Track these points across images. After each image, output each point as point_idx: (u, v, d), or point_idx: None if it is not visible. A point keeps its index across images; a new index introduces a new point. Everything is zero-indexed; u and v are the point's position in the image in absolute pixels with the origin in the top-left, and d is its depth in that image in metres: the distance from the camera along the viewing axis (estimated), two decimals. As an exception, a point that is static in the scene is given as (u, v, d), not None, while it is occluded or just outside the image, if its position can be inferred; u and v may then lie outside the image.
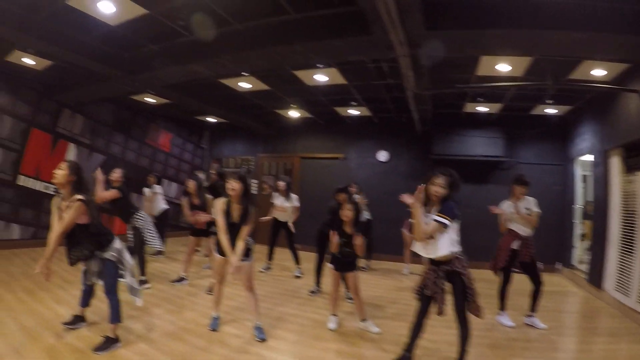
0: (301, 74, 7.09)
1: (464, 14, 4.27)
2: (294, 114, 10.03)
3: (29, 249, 7.86)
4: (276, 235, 7.47)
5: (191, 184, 6.54)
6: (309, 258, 7.04)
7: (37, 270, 3.36)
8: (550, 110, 8.22)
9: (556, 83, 5.75)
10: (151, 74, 6.70)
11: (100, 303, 4.10)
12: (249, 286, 4.15)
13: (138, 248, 5.74)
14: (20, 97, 7.88)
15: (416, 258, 7.67)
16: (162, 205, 8.27)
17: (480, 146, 8.62)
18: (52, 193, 8.17)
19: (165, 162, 11.27)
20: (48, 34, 5.42)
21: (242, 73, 6.88)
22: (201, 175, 8.64)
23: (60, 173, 3.59)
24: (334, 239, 4.35)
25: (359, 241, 4.29)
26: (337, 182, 6.72)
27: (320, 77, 7.18)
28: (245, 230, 3.98)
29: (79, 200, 3.47)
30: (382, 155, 10.07)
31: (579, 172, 8.25)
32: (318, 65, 6.60)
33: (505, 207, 4.94)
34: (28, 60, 6.87)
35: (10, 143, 7.73)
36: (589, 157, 7.46)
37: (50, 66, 7.13)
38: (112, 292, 3.67)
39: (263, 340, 4.04)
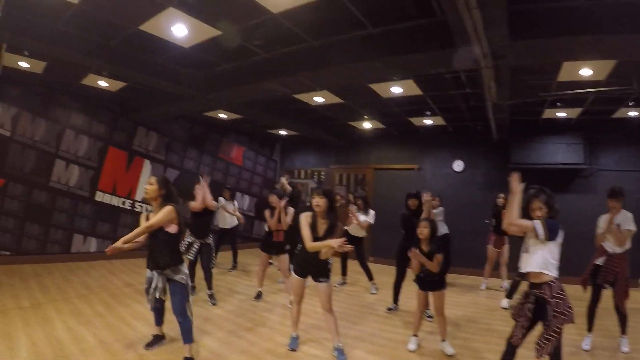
0: (377, 87, 6.83)
1: (548, 22, 3.98)
2: (367, 125, 9.58)
3: (106, 261, 8.09)
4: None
5: (273, 199, 6.17)
6: (382, 271, 6.91)
7: (108, 250, 3.51)
8: (633, 113, 7.43)
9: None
10: (225, 92, 6.59)
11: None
12: (327, 307, 3.97)
13: (207, 263, 5.73)
14: (97, 118, 8.12)
15: (495, 272, 7.23)
16: (234, 219, 8.19)
17: (560, 153, 7.99)
18: (128, 208, 8.56)
19: (239, 176, 11.25)
20: (121, 58, 5.50)
21: (319, 89, 6.59)
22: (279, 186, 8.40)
23: (151, 188, 3.74)
24: (414, 258, 4.17)
25: (437, 260, 4.12)
26: None
27: (396, 89, 6.88)
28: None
29: (171, 205, 3.66)
30: (458, 165, 9.50)
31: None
32: (394, 77, 6.29)
33: (601, 222, 4.48)
34: (102, 83, 7.03)
35: (88, 161, 7.99)
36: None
37: (124, 87, 7.26)
38: (182, 313, 3.65)
39: None
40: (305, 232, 3.81)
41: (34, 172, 7.39)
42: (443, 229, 7.04)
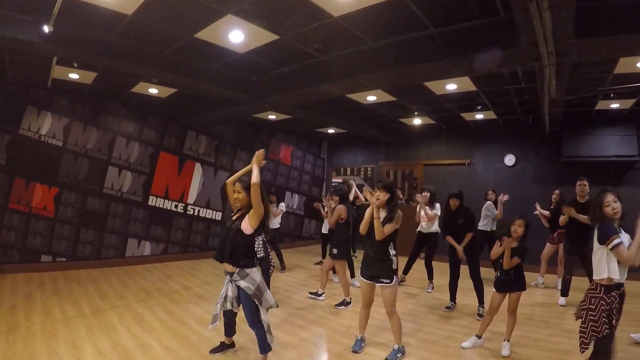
0: (431, 85, 6.56)
1: (611, 19, 3.79)
2: (417, 121, 9.14)
3: (160, 264, 8.09)
4: (420, 249, 7.00)
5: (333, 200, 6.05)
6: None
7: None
8: None
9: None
10: (279, 96, 6.33)
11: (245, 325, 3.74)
12: (390, 310, 3.90)
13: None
14: (147, 124, 8.04)
15: (551, 268, 7.14)
16: (276, 221, 7.85)
17: (613, 145, 7.66)
18: (180, 211, 8.44)
19: (288, 175, 11.03)
20: (175, 66, 5.38)
21: (375, 88, 6.26)
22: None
23: (239, 196, 3.57)
24: (505, 246, 4.02)
25: (514, 261, 4.01)
26: (463, 188, 6.16)
27: (451, 86, 6.64)
28: (386, 227, 3.79)
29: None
30: (509, 159, 9.07)
31: None
32: (453, 76, 5.95)
33: None
34: (153, 90, 6.92)
35: (140, 167, 7.92)
36: None
37: (174, 93, 7.12)
38: (255, 323, 3.47)
39: None
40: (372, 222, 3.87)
41: (88, 180, 7.37)
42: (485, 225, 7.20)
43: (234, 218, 3.57)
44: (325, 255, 8.04)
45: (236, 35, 4.63)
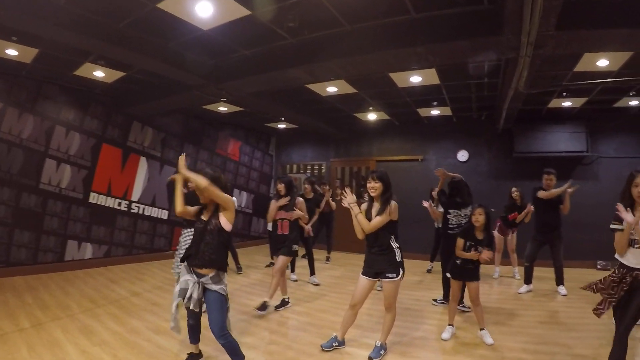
0: (396, 76, 6.41)
1: (589, 13, 3.84)
2: (371, 116, 9.06)
3: (103, 267, 7.29)
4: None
5: (280, 186, 5.48)
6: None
7: None
8: (634, 102, 7.47)
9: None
10: (239, 81, 5.88)
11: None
12: (390, 304, 3.71)
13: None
14: (90, 112, 7.21)
15: (505, 260, 7.24)
16: None
17: (563, 142, 8.03)
18: (124, 209, 7.66)
19: (236, 171, 10.45)
20: (128, 41, 4.71)
21: (344, 77, 6.06)
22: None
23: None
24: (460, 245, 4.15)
25: (486, 254, 3.99)
26: (417, 184, 6.17)
27: (415, 79, 6.53)
28: (374, 221, 3.60)
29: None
30: (462, 155, 9.23)
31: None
32: (414, 67, 5.90)
33: None
34: (98, 73, 6.22)
35: (81, 160, 7.07)
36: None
37: (121, 78, 6.47)
38: (221, 331, 3.04)
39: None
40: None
41: (22, 174, 6.44)
42: None
43: (205, 218, 3.19)
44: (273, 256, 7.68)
45: (204, 7, 4.19)
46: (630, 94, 6.95)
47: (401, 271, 3.65)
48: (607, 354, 2.88)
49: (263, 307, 4.90)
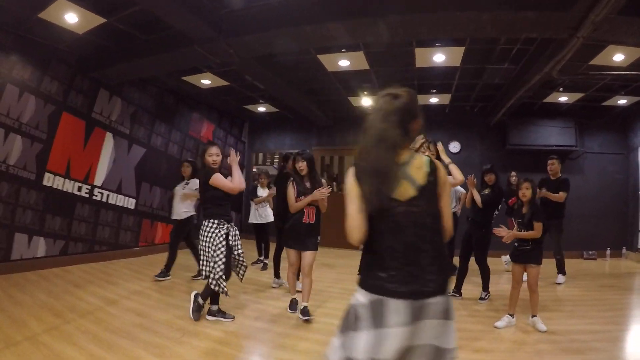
0: (420, 53, 5.75)
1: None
2: (365, 101, 8.14)
3: (59, 268, 5.61)
4: None
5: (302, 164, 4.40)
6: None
7: None
8: (622, 101, 7.57)
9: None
10: (257, 37, 4.68)
11: None
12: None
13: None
14: (50, 72, 5.47)
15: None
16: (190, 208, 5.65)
17: (554, 136, 8.03)
18: (85, 195, 6.05)
19: None
20: None
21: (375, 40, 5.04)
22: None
23: None
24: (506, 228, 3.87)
25: (537, 227, 3.71)
26: None
27: (439, 57, 5.93)
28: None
29: None
30: (454, 147, 8.84)
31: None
32: (437, 44, 5.49)
33: None
34: (71, 17, 4.66)
35: (35, 131, 5.31)
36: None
37: (97, 28, 4.95)
38: None
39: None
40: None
41: (-42, 143, 4.65)
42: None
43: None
44: (262, 254, 6.58)
45: None
46: (620, 92, 6.99)
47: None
48: None
49: (306, 312, 3.94)
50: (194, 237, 5.20)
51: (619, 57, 5.37)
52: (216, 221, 3.72)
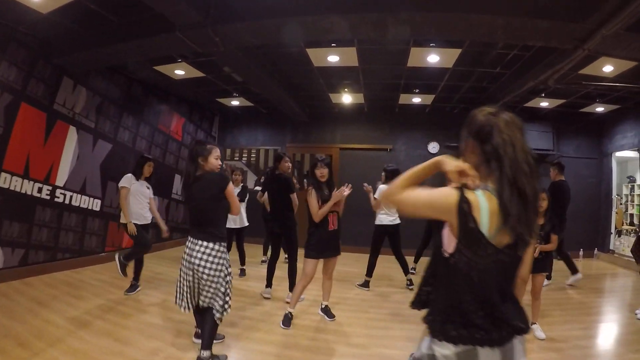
0: (415, 52, 5.55)
1: None
2: (346, 98, 7.86)
3: (18, 281, 4.88)
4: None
5: (323, 171, 3.96)
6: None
7: None
8: (600, 109, 7.77)
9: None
10: (243, 25, 4.21)
11: None
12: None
13: None
14: (8, 57, 4.69)
15: None
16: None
17: (533, 140, 7.92)
18: (45, 197, 5.35)
19: (178, 153, 8.19)
20: None
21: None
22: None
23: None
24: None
25: (554, 240, 3.79)
26: None
27: (433, 58, 5.73)
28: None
29: None
30: (433, 147, 8.68)
31: (614, 165, 8.29)
32: (432, 44, 5.29)
33: None
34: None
35: None
36: (627, 153, 8.10)
37: (66, 6, 4.27)
38: None
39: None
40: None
41: None
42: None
43: None
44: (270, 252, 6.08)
45: None
46: (597, 100, 7.15)
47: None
48: None
49: (329, 312, 4.12)
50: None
51: (608, 68, 5.47)
52: (224, 244, 3.05)
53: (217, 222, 3.03)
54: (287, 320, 3.87)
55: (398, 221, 5.39)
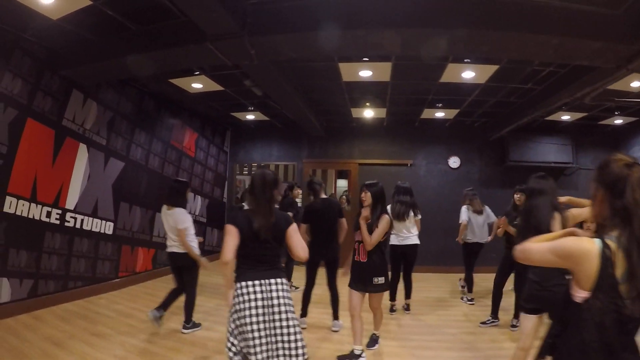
0: (450, 69, 5.27)
1: None
2: (368, 113, 7.49)
3: (28, 314, 4.36)
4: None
5: (366, 195, 3.60)
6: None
7: None
8: (619, 121, 7.62)
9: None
10: (283, 37, 3.82)
11: None
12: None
13: None
14: (12, 67, 4.20)
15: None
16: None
17: (552, 153, 8.06)
18: (55, 222, 4.84)
19: (191, 170, 7.71)
20: None
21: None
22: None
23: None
24: None
25: None
26: None
27: (468, 74, 5.49)
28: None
29: None
30: (454, 162, 8.50)
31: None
32: (466, 60, 5.03)
33: None
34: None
35: None
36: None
37: (76, 13, 3.84)
38: None
39: None
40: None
41: None
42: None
43: None
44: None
45: None
46: (616, 113, 7.03)
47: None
48: None
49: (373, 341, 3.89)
50: None
51: (635, 84, 5.38)
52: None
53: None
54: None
55: (409, 242, 4.99)
